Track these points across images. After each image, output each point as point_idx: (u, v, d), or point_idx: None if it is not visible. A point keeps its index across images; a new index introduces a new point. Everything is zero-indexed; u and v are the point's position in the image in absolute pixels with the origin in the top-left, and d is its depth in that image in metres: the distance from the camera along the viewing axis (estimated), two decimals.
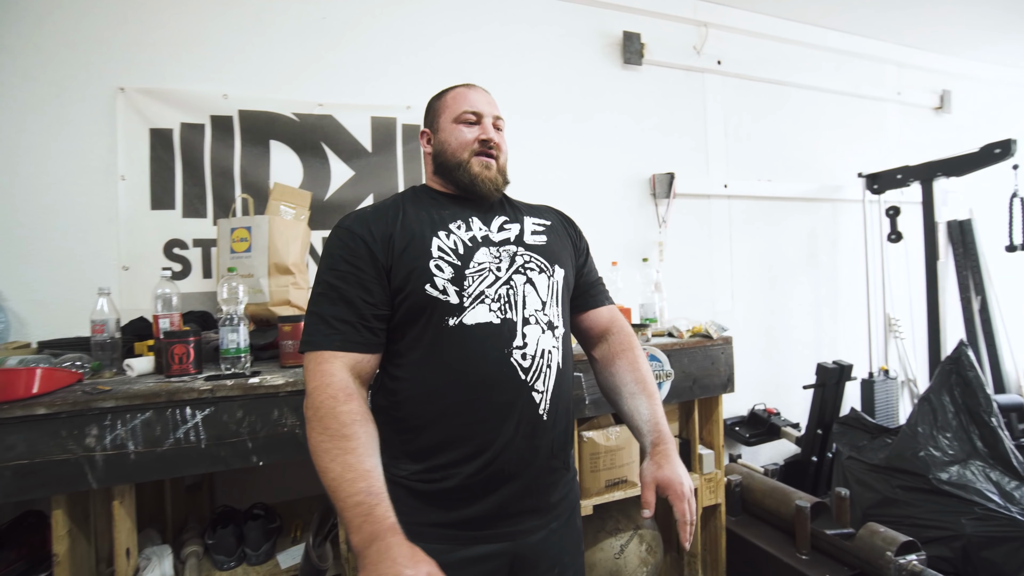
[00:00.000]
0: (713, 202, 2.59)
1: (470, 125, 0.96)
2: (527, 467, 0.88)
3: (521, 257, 0.93)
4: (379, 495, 0.72)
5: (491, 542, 0.87)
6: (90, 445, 1.03)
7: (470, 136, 0.95)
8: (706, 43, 2.54)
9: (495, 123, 0.98)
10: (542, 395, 0.88)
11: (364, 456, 0.74)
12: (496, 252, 0.91)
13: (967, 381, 1.88)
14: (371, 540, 0.68)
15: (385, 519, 0.70)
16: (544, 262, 0.95)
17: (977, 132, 3.30)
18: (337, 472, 0.72)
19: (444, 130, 0.97)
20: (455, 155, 0.95)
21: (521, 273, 0.91)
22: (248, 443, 1.13)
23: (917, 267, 2.74)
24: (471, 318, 0.86)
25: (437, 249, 0.87)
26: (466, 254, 0.89)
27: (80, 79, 1.64)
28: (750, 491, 1.92)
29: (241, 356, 1.24)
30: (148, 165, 1.70)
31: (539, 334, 0.89)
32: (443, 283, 0.85)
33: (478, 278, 0.87)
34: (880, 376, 2.64)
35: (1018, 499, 1.68)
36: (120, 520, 1.08)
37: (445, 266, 0.86)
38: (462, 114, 0.96)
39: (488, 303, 0.87)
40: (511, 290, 0.89)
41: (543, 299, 0.92)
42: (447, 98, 1.00)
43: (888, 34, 2.97)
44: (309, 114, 1.88)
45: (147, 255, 1.69)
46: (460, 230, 0.91)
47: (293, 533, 1.40)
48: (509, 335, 0.87)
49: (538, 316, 0.90)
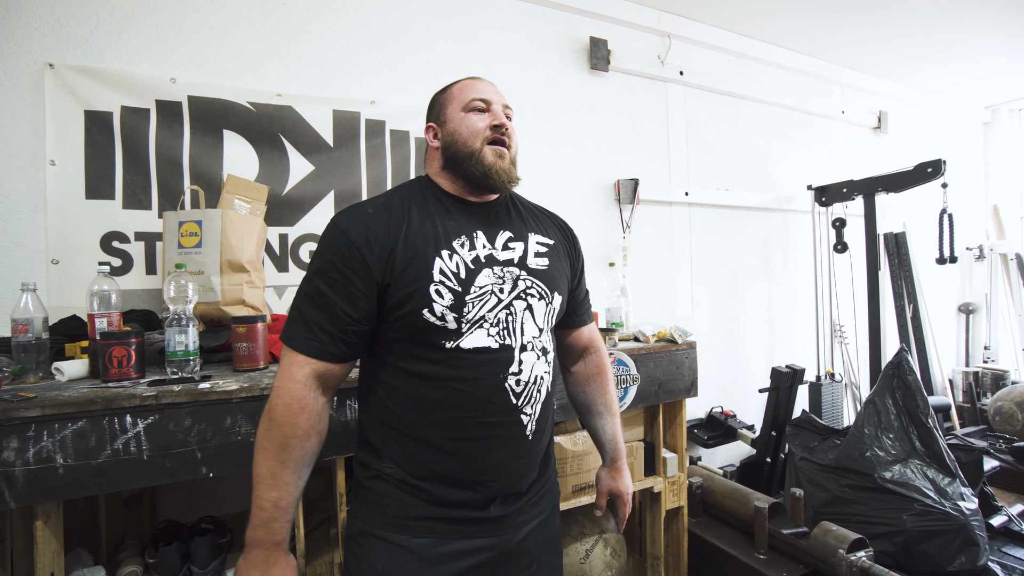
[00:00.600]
0: (675, 209, 2.65)
1: (480, 113, 0.92)
2: (512, 484, 0.90)
3: (523, 282, 0.91)
4: (285, 509, 0.81)
5: (477, 538, 0.88)
6: (8, 460, 0.91)
7: (481, 124, 0.90)
8: (669, 53, 2.60)
9: (506, 112, 0.95)
10: (530, 417, 0.90)
11: (290, 469, 0.81)
12: (500, 272, 0.89)
13: (907, 384, 2.00)
14: (257, 543, 0.80)
15: (277, 533, 0.81)
16: (544, 288, 0.94)
17: (907, 152, 3.57)
18: (263, 472, 0.81)
19: (453, 120, 0.93)
20: (467, 144, 0.90)
21: (522, 299, 0.90)
22: (197, 453, 1.04)
23: (860, 276, 2.91)
24: (468, 343, 0.85)
25: (439, 272, 0.84)
26: (467, 278, 0.86)
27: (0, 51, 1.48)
28: (710, 493, 1.96)
29: (190, 359, 1.14)
30: (83, 150, 1.55)
31: (534, 360, 0.90)
32: (441, 310, 0.83)
33: (478, 303, 0.85)
34: (827, 379, 2.78)
35: (950, 494, 1.79)
36: (44, 542, 0.96)
37: (445, 292, 0.84)
38: (471, 102, 0.92)
39: (487, 328, 0.86)
40: (511, 316, 0.88)
41: (540, 326, 0.92)
42: (453, 89, 0.96)
43: (834, 55, 3.15)
44: (267, 104, 1.78)
45: (81, 248, 1.54)
46: (464, 249, 0.88)
47: None
48: (506, 361, 0.87)
49: (534, 343, 0.91)
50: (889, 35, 2.92)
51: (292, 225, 1.81)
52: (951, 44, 3.06)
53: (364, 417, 0.93)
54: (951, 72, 3.46)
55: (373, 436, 0.90)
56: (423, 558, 0.84)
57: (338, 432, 1.17)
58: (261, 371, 1.22)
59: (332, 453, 1.18)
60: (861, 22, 2.76)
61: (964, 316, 4.03)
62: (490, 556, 0.89)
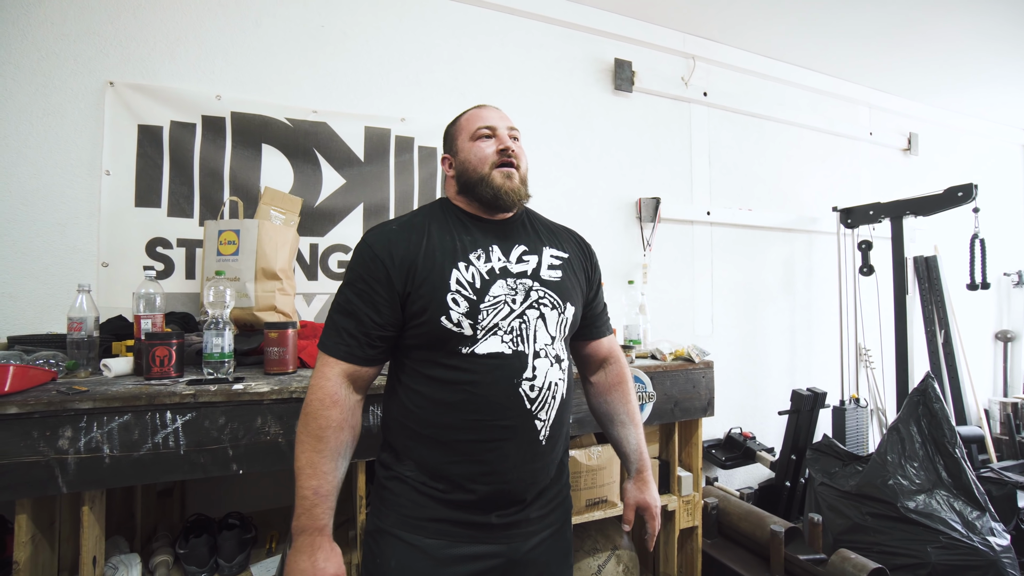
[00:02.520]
0: (696, 228, 2.66)
1: (487, 139, 0.99)
2: (524, 489, 0.93)
3: (536, 292, 0.96)
4: (325, 496, 0.85)
5: (486, 543, 0.91)
6: (63, 447, 0.99)
7: (488, 150, 0.98)
8: (693, 75, 2.64)
9: (511, 134, 1.01)
10: (544, 423, 0.93)
11: (327, 459, 0.86)
12: (513, 284, 0.94)
13: (933, 412, 1.95)
14: (302, 531, 0.84)
15: (320, 519, 0.85)
16: (557, 299, 0.98)
17: (941, 174, 3.50)
18: (302, 464, 0.86)
19: (463, 150, 1.00)
20: (476, 170, 0.97)
21: (535, 308, 0.95)
22: (229, 451, 1.10)
23: (887, 300, 2.86)
24: (483, 348, 0.90)
25: (455, 282, 0.91)
26: (482, 287, 0.92)
27: (67, 69, 1.61)
28: (726, 514, 1.94)
29: (225, 361, 1.21)
30: (134, 161, 1.67)
31: (548, 367, 0.94)
32: (458, 316, 0.89)
33: (493, 311, 0.91)
34: (851, 404, 2.72)
35: (979, 528, 1.74)
36: (88, 527, 1.03)
37: (461, 300, 0.90)
38: (477, 131, 0.99)
39: (501, 335, 0.91)
40: (524, 324, 0.93)
41: (552, 334, 0.96)
42: (461, 121, 1.04)
43: (861, 77, 3.13)
44: (303, 120, 1.87)
45: (129, 253, 1.64)
46: (480, 261, 0.94)
47: (269, 544, 1.35)
48: (520, 366, 0.91)
49: (547, 350, 0.94)
50: (918, 60, 2.91)
51: (323, 236, 1.89)
52: (982, 70, 3.02)
53: (386, 420, 0.99)
54: (986, 96, 3.40)
55: (393, 438, 0.96)
56: (433, 558, 0.88)
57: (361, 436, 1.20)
58: (290, 375, 1.28)
59: (354, 457, 1.22)
60: (887, 46, 2.76)
61: (1002, 344, 3.89)
62: (498, 563, 0.92)
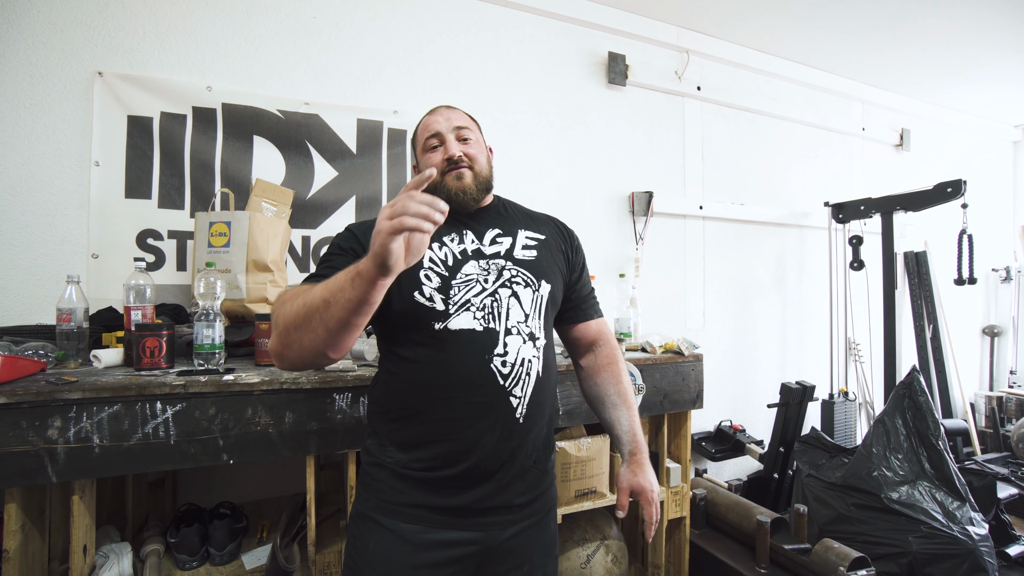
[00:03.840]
0: (689, 222, 2.68)
1: (435, 150, 1.02)
2: (501, 466, 0.93)
3: (509, 271, 0.98)
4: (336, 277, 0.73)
5: (462, 530, 0.92)
6: (52, 437, 0.99)
7: (436, 159, 1.01)
8: (687, 69, 2.64)
9: (459, 135, 1.02)
10: (519, 400, 0.93)
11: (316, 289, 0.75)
12: (485, 265, 0.97)
13: (918, 405, 1.98)
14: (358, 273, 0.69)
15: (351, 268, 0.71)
16: (531, 277, 0.99)
17: (932, 170, 3.52)
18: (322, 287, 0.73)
19: (420, 161, 1.06)
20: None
21: (507, 287, 0.96)
22: (219, 441, 1.11)
23: (877, 295, 2.89)
24: (455, 324, 0.91)
25: (428, 260, 0.94)
26: (454, 266, 0.95)
27: (55, 59, 1.59)
28: (714, 505, 1.97)
29: (215, 352, 1.22)
30: (124, 152, 1.66)
31: (520, 344, 0.94)
32: (430, 291, 0.92)
33: (464, 288, 0.93)
34: (840, 397, 2.75)
35: (959, 518, 1.77)
36: (79, 516, 1.04)
37: (433, 276, 0.93)
38: (426, 142, 1.03)
39: (473, 311, 0.93)
40: (495, 302, 0.94)
41: (526, 312, 0.97)
42: (417, 132, 1.08)
43: (855, 73, 3.14)
44: (295, 112, 1.87)
45: (118, 244, 1.64)
46: (453, 243, 0.98)
47: (259, 534, 1.37)
48: (490, 343, 0.92)
49: (520, 327, 0.95)
50: (910, 55, 2.92)
51: (315, 228, 1.89)
52: (975, 66, 3.04)
53: (370, 407, 1.01)
54: (978, 92, 3.42)
55: (376, 424, 0.98)
56: (410, 543, 0.90)
57: (351, 427, 1.23)
58: None
59: (344, 447, 1.24)
60: (880, 41, 2.77)
61: (989, 339, 3.94)
62: (475, 550, 0.92)
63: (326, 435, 1.21)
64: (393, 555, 0.89)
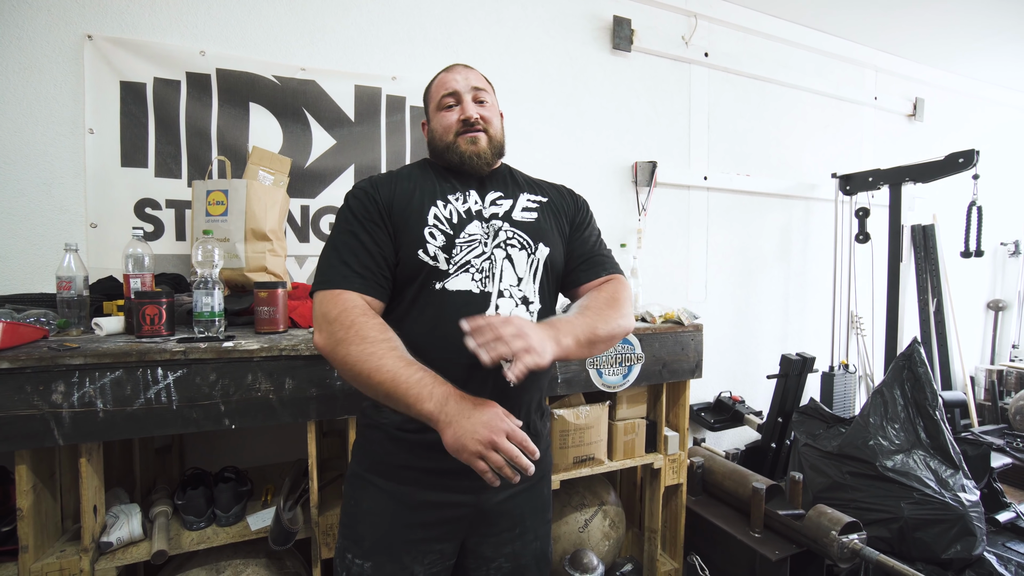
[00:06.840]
0: (693, 193, 2.64)
1: (450, 109, 1.00)
2: None
3: (505, 232, 0.97)
4: (433, 372, 0.81)
5: (455, 492, 0.93)
6: (56, 402, 1.01)
7: (452, 119, 0.99)
8: (695, 34, 2.56)
9: (475, 96, 1.00)
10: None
11: (406, 352, 0.83)
12: (485, 227, 0.96)
13: (917, 376, 1.99)
14: (447, 398, 0.78)
15: (448, 384, 0.80)
16: (527, 239, 0.98)
17: (946, 142, 3.44)
18: (391, 362, 0.79)
19: (433, 119, 1.04)
20: (443, 138, 1.00)
21: (502, 248, 0.96)
22: (221, 406, 1.12)
23: (881, 267, 2.86)
24: (454, 284, 0.92)
25: (433, 217, 0.94)
26: (459, 224, 0.95)
27: (41, 21, 1.55)
28: (711, 473, 2.01)
29: (215, 320, 1.22)
30: (118, 120, 1.64)
31: (512, 307, 0.94)
32: (434, 250, 0.92)
33: (467, 248, 0.93)
34: (840, 370, 2.76)
35: (951, 485, 1.80)
36: (87, 477, 1.07)
37: (438, 234, 0.93)
38: (441, 99, 1.01)
39: (472, 272, 0.93)
40: (491, 264, 0.94)
41: (519, 275, 0.96)
42: (431, 88, 1.05)
43: (869, 39, 3.04)
44: (291, 78, 1.83)
45: (117, 213, 1.63)
46: (457, 202, 0.97)
47: (264, 497, 1.40)
48: (483, 305, 0.92)
49: (512, 291, 0.95)
50: (928, 19, 2.81)
51: (313, 197, 1.88)
52: (993, 32, 2.92)
53: None
54: (995, 60, 3.31)
55: None
56: (402, 503, 0.92)
57: (351, 392, 1.24)
58: (280, 334, 1.30)
59: (344, 413, 1.25)
60: (896, 6, 2.66)
61: (993, 313, 3.92)
62: (466, 512, 0.94)
63: (326, 401, 1.23)
64: (386, 514, 0.92)
